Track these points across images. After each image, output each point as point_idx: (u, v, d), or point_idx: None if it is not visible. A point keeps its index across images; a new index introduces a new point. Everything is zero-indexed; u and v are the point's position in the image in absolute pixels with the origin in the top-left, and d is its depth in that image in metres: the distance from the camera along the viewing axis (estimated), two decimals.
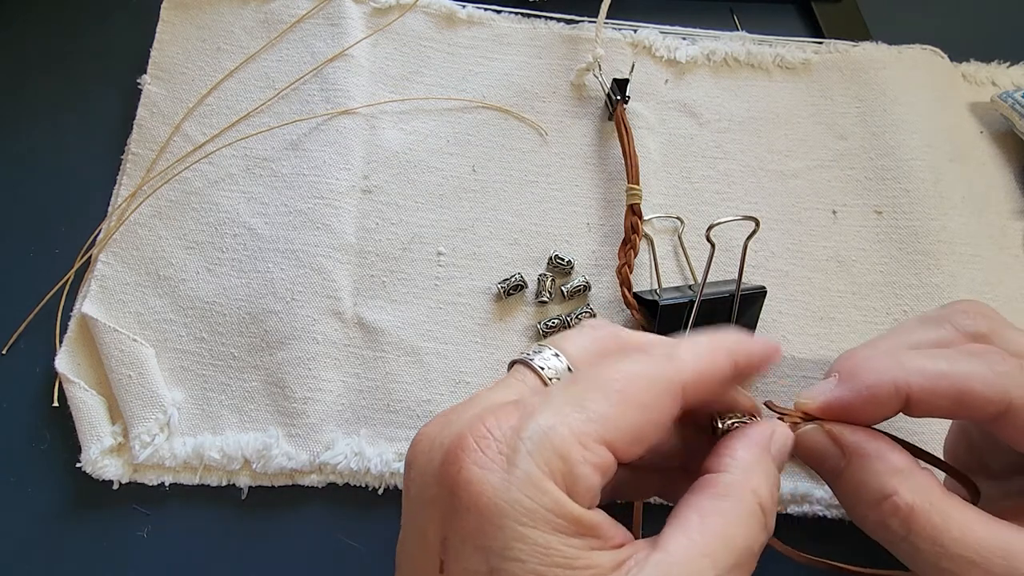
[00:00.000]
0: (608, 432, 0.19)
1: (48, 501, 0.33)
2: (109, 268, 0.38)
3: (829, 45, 0.48)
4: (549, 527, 0.18)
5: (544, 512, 0.18)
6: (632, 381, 0.20)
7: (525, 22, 0.47)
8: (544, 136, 0.44)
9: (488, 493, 0.18)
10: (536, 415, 0.19)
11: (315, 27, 0.44)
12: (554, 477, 0.18)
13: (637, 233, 0.39)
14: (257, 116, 0.42)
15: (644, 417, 0.20)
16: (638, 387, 0.20)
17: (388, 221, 0.40)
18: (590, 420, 0.19)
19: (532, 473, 0.18)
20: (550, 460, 0.18)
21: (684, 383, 0.20)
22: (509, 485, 0.18)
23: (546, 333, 0.37)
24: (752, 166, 0.44)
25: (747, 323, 0.38)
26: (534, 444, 0.18)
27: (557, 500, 0.18)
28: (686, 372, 0.21)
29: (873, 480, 0.22)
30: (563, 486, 0.18)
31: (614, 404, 0.19)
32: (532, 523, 0.17)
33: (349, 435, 0.35)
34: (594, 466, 0.18)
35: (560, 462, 0.18)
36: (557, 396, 0.20)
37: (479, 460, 0.18)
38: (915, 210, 0.42)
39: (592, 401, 0.19)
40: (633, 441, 0.19)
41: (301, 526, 0.34)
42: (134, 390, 0.34)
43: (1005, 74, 0.49)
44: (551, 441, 0.18)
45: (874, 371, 0.23)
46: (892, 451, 0.23)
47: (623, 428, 0.19)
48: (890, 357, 0.23)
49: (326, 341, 0.36)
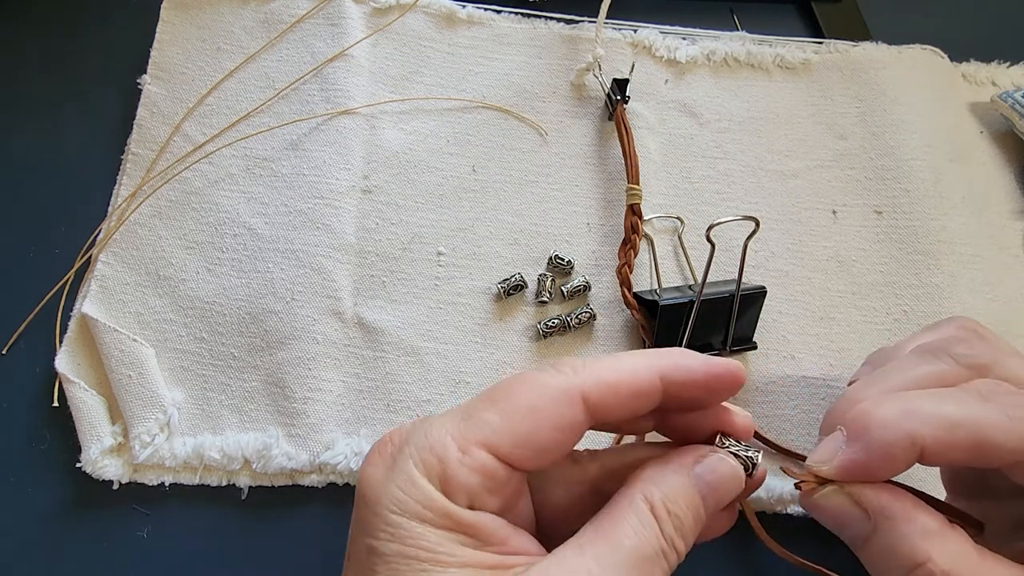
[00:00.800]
0: (489, 436, 0.20)
1: (48, 501, 0.33)
2: (109, 268, 0.38)
3: (829, 45, 0.48)
4: (416, 516, 0.19)
5: (412, 503, 0.20)
6: (519, 388, 0.21)
7: (525, 22, 0.47)
8: (544, 136, 0.44)
9: (372, 485, 0.21)
10: (426, 424, 0.21)
11: (315, 27, 0.44)
12: (429, 475, 0.20)
13: (637, 233, 0.39)
14: (257, 116, 0.42)
15: (534, 421, 0.21)
16: (526, 393, 0.21)
17: (388, 221, 0.40)
18: (473, 425, 0.21)
19: (407, 470, 0.20)
20: (427, 460, 0.20)
21: (583, 389, 0.21)
22: (388, 480, 0.20)
23: (546, 333, 0.37)
24: (752, 166, 0.44)
25: (747, 323, 0.38)
26: (415, 447, 0.21)
27: (428, 495, 0.20)
28: (586, 380, 0.21)
29: (904, 545, 0.22)
30: (438, 484, 0.20)
31: (499, 411, 0.21)
32: (401, 512, 0.20)
33: (349, 435, 0.35)
34: (471, 468, 0.20)
35: (436, 462, 0.20)
36: (453, 409, 0.22)
37: (373, 460, 0.21)
38: (915, 210, 0.42)
39: (477, 409, 0.21)
40: (522, 444, 0.20)
41: (301, 526, 0.34)
42: (134, 390, 0.34)
43: (1005, 74, 0.49)
44: (429, 444, 0.20)
45: (886, 426, 0.22)
46: (921, 511, 0.22)
47: (508, 431, 0.20)
48: (898, 405, 0.22)
49: (326, 341, 0.36)
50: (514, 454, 0.20)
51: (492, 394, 0.21)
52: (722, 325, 0.37)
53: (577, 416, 0.21)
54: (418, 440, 0.21)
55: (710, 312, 0.36)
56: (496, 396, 0.21)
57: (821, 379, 0.38)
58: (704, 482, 0.22)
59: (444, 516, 0.20)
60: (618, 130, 0.42)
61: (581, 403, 0.21)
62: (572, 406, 0.21)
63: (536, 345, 0.38)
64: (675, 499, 0.21)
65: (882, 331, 0.40)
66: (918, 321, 0.40)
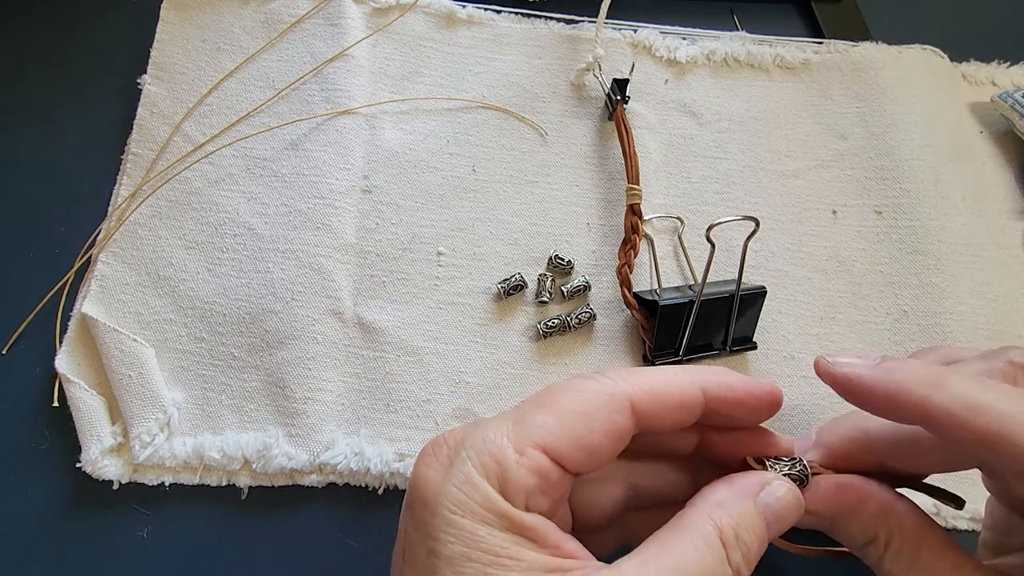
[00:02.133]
0: (545, 438, 0.21)
1: (48, 501, 0.33)
2: (109, 268, 0.38)
3: (829, 45, 0.48)
4: (477, 518, 0.20)
5: (473, 505, 0.20)
6: (571, 392, 0.22)
7: (525, 22, 0.47)
8: (544, 136, 0.44)
9: (430, 487, 0.21)
10: (481, 427, 0.22)
11: (315, 27, 0.44)
12: (488, 476, 0.20)
13: (637, 233, 0.39)
14: (257, 116, 0.42)
15: (585, 424, 0.21)
16: (577, 397, 0.22)
17: (388, 221, 0.40)
18: (528, 428, 0.21)
19: (466, 471, 0.20)
20: (485, 462, 0.20)
21: (631, 396, 0.22)
22: (447, 481, 0.20)
23: (546, 333, 0.37)
24: (752, 166, 0.44)
25: (747, 323, 0.38)
26: (473, 448, 0.21)
27: (487, 496, 0.20)
28: (635, 387, 0.22)
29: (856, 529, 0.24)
30: (497, 485, 0.20)
31: (552, 413, 0.21)
32: (462, 513, 0.20)
33: (349, 435, 0.35)
34: (528, 469, 0.20)
35: (495, 464, 0.20)
36: (505, 412, 0.22)
37: (429, 462, 0.22)
38: (915, 210, 0.42)
39: (531, 413, 0.21)
40: (576, 447, 0.21)
41: (301, 526, 0.34)
42: (134, 390, 0.34)
43: (1005, 74, 0.49)
44: (487, 446, 0.21)
45: (913, 379, 0.22)
46: (868, 503, 0.24)
47: (562, 434, 0.21)
48: (940, 374, 0.22)
49: (326, 341, 0.36)
50: (568, 456, 0.21)
51: (542, 399, 0.22)
52: (722, 325, 0.37)
53: (626, 422, 0.22)
54: (474, 442, 0.21)
55: (710, 312, 0.36)
56: (547, 400, 0.22)
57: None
58: (770, 510, 0.22)
59: (503, 517, 0.20)
60: (618, 130, 0.42)
61: (630, 409, 0.22)
62: (621, 412, 0.22)
63: (536, 345, 0.38)
64: (745, 526, 0.21)
65: (882, 331, 0.40)
66: (918, 321, 0.40)
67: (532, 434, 0.21)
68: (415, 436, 0.35)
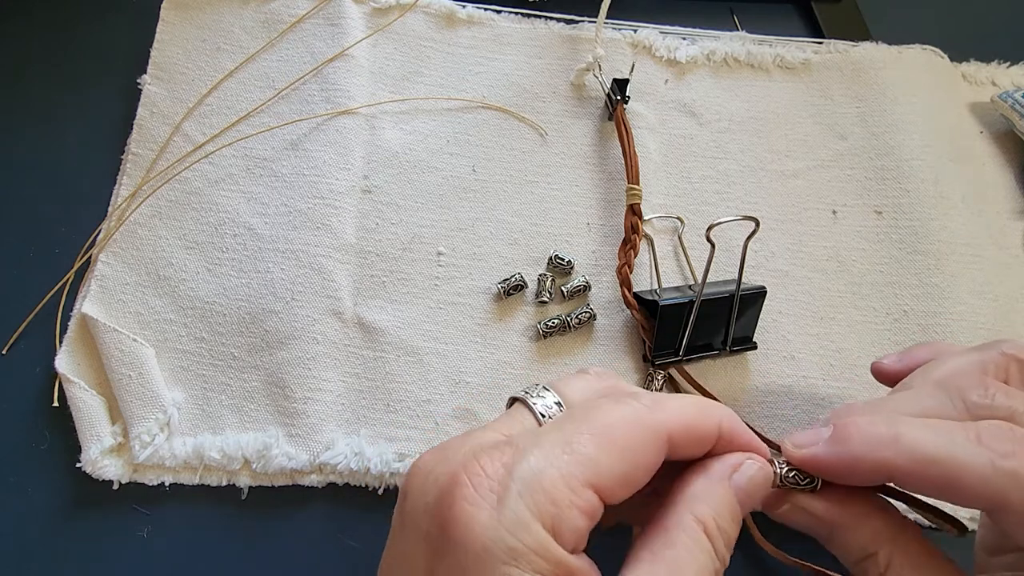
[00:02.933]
0: (595, 476, 0.19)
1: (48, 501, 0.33)
2: (109, 268, 0.38)
3: (829, 45, 0.48)
4: (531, 568, 0.18)
5: (528, 552, 0.18)
6: (619, 425, 0.20)
7: (525, 22, 0.47)
8: (544, 136, 0.44)
9: (477, 530, 0.18)
10: (528, 455, 0.19)
11: (315, 27, 0.44)
12: (541, 519, 0.18)
13: (637, 233, 0.39)
14: (257, 116, 0.42)
15: (630, 461, 0.20)
16: (625, 431, 0.20)
17: (388, 221, 0.40)
18: (579, 463, 0.19)
19: (520, 514, 0.18)
20: (539, 502, 0.19)
21: (670, 431, 0.21)
22: (498, 524, 0.18)
23: (546, 333, 0.37)
24: (752, 166, 0.44)
25: (747, 323, 0.38)
26: (524, 485, 0.19)
27: (542, 542, 0.18)
28: (673, 421, 0.21)
29: (853, 545, 0.24)
30: (550, 528, 0.18)
31: (602, 447, 0.20)
32: (515, 562, 0.18)
33: (349, 435, 0.35)
34: (581, 510, 0.19)
35: (549, 504, 0.19)
36: (548, 436, 0.20)
37: (470, 497, 0.19)
38: (915, 210, 0.42)
39: (581, 444, 0.20)
40: (620, 484, 0.20)
41: (301, 526, 0.34)
42: (134, 390, 0.34)
43: (1005, 74, 0.49)
44: (540, 483, 0.19)
45: (864, 443, 0.23)
46: (872, 519, 0.24)
47: (610, 472, 0.20)
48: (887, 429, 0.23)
49: (326, 341, 0.36)
50: (613, 494, 0.20)
51: (590, 424, 0.20)
52: (722, 325, 0.37)
53: (661, 457, 0.21)
54: (524, 475, 0.19)
55: (710, 312, 0.36)
56: (596, 429, 0.20)
57: (821, 379, 0.38)
58: (743, 491, 0.22)
59: (556, 564, 0.18)
60: (618, 130, 0.42)
61: (667, 444, 0.21)
62: (660, 450, 0.21)
63: (536, 345, 0.38)
64: (722, 513, 0.21)
65: (882, 331, 0.40)
66: (918, 321, 0.40)
67: (584, 471, 0.19)
68: (415, 436, 0.35)
